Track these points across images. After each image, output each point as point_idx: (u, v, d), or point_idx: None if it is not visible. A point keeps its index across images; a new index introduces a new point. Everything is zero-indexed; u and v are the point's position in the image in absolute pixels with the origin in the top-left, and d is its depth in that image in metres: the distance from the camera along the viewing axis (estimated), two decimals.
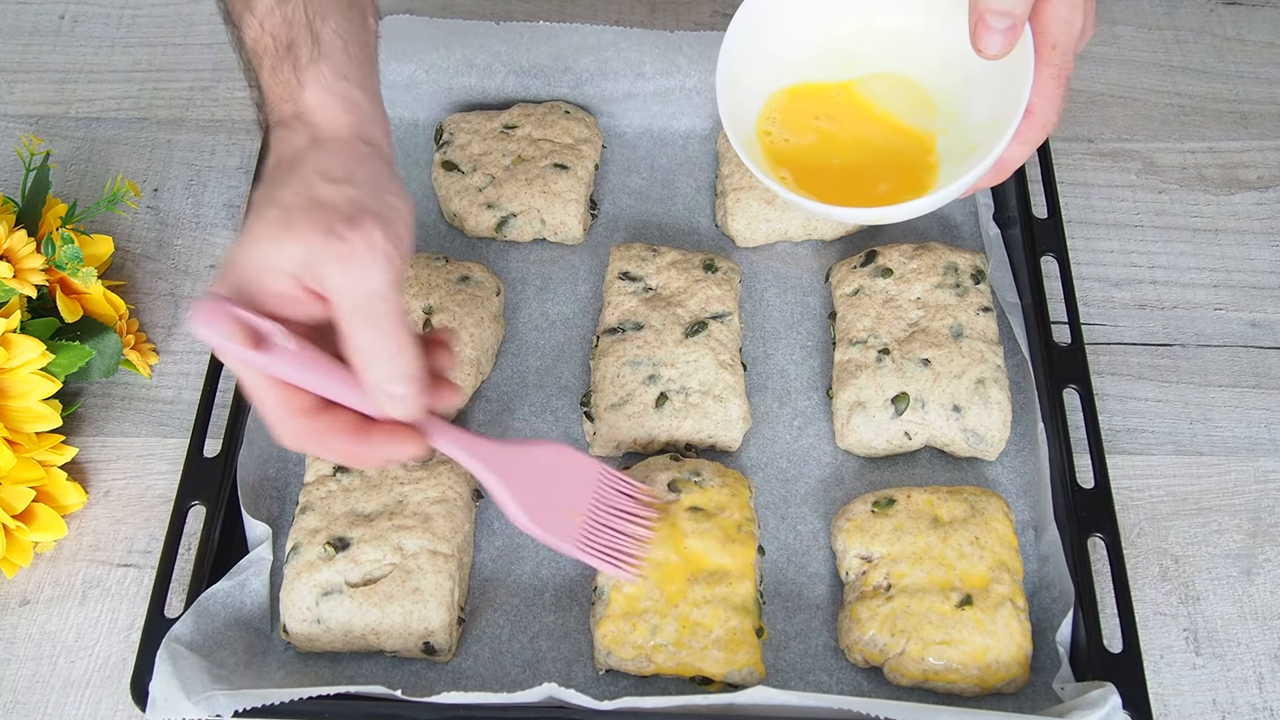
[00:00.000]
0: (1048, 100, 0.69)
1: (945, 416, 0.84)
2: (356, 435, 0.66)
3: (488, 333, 0.89)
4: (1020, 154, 0.72)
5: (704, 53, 1.00)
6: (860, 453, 0.86)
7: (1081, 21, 0.68)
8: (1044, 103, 0.69)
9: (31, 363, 0.81)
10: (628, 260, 0.91)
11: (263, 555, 0.79)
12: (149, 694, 0.72)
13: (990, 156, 0.69)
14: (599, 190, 1.00)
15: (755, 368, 0.91)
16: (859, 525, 0.80)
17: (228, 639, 0.76)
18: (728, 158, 0.97)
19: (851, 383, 0.85)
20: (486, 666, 0.78)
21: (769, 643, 0.79)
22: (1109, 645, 0.76)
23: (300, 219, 0.62)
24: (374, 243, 0.62)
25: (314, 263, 0.62)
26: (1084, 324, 0.93)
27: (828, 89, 0.80)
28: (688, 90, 1.01)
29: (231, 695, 0.71)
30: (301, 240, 0.62)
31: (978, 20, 0.67)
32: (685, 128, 1.03)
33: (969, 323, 0.87)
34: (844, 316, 0.89)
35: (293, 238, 0.62)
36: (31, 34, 1.12)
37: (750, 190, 0.94)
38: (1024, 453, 0.86)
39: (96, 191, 1.01)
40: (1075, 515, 0.80)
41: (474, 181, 0.96)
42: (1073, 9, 0.68)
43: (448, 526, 0.78)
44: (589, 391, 0.87)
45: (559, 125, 0.98)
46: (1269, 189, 1.02)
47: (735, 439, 0.85)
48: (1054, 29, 0.68)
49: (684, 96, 1.01)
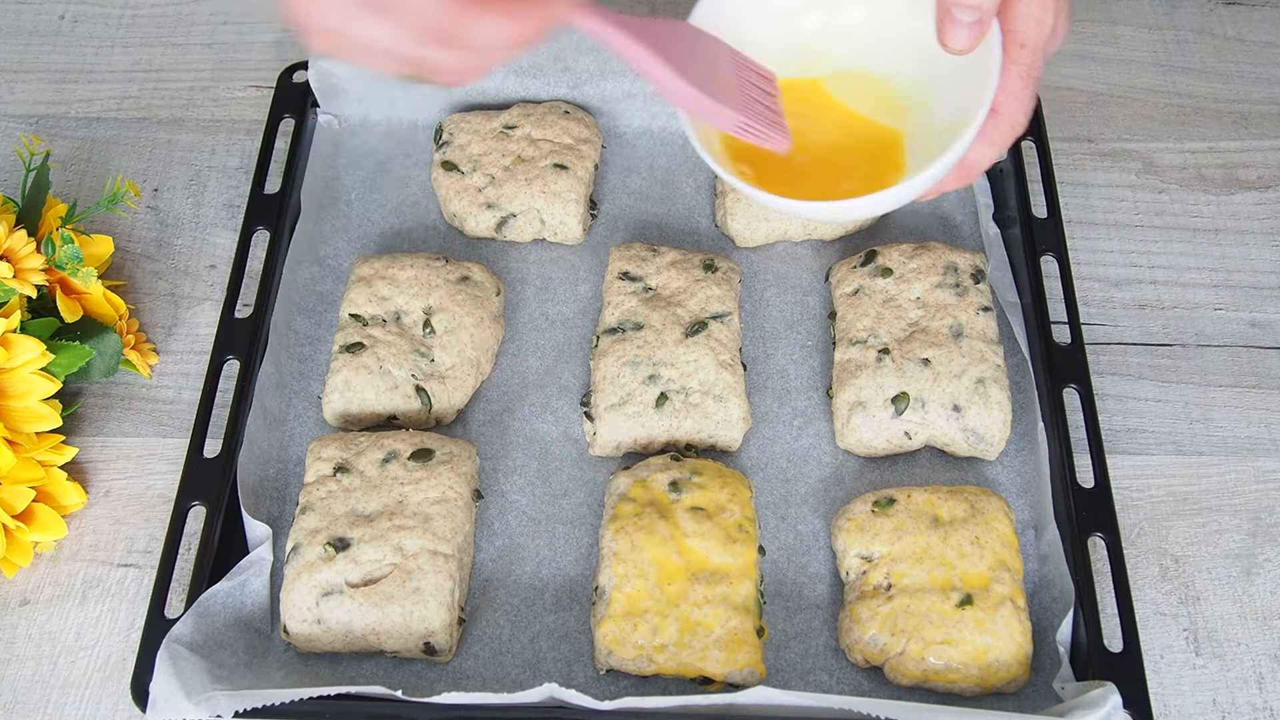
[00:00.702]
0: (1015, 100, 0.67)
1: (945, 416, 0.84)
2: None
3: (488, 333, 0.89)
4: (987, 155, 0.69)
5: None
6: (860, 452, 0.86)
7: (1053, 20, 0.67)
8: (1011, 102, 0.67)
9: (31, 363, 0.81)
10: (628, 260, 0.91)
11: (263, 556, 0.79)
12: (149, 694, 0.71)
13: (951, 154, 0.67)
14: (599, 190, 1.00)
15: (755, 368, 0.91)
16: (859, 525, 0.80)
17: (228, 639, 0.76)
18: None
19: (851, 382, 0.85)
20: (487, 667, 0.78)
21: (769, 643, 0.79)
22: (1109, 645, 0.76)
23: None
24: None
25: None
26: (1084, 324, 0.93)
27: (792, 85, 0.77)
28: None
29: (232, 696, 0.71)
30: None
31: (944, 13, 0.66)
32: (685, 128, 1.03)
33: (969, 322, 0.87)
34: (844, 316, 0.89)
35: None
36: (31, 34, 1.12)
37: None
38: (1024, 452, 0.86)
39: (96, 191, 1.01)
40: (1075, 515, 0.80)
41: (474, 182, 0.96)
42: (1044, 7, 0.66)
43: (448, 527, 0.78)
44: (589, 391, 0.87)
45: (558, 125, 0.98)
46: (1269, 189, 1.02)
47: (735, 439, 0.85)
48: (1024, 27, 0.66)
49: None
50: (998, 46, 0.67)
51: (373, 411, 0.85)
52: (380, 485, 0.79)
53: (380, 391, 0.85)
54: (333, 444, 0.82)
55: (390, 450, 0.81)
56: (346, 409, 0.85)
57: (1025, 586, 0.79)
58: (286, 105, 1.01)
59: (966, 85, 0.70)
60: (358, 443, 0.81)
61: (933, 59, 0.71)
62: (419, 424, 0.86)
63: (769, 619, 0.79)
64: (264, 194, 0.95)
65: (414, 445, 0.81)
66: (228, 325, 0.88)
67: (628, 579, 0.76)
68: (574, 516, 0.84)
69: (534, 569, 0.82)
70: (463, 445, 0.83)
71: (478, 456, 0.84)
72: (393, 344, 0.86)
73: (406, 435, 0.82)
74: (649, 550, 0.77)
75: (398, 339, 0.86)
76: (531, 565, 0.82)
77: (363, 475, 0.80)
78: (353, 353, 0.86)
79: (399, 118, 1.03)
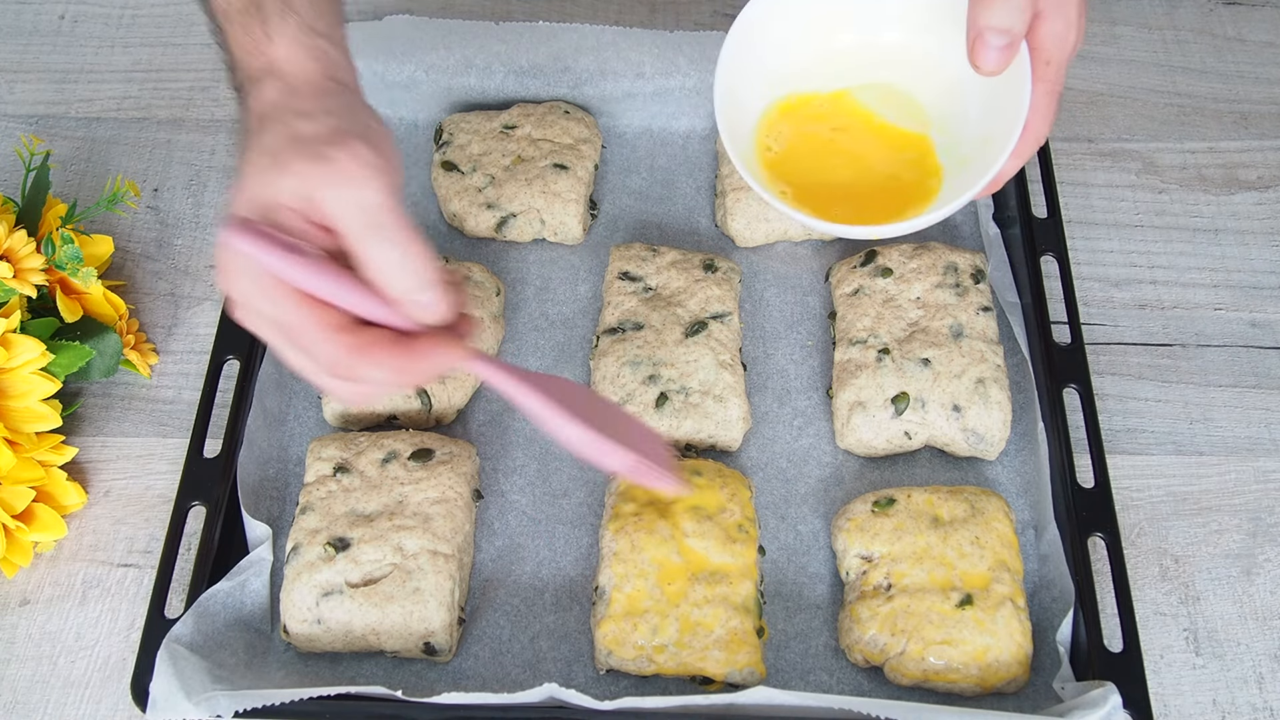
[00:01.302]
0: (1040, 115, 0.71)
1: (945, 416, 0.84)
2: (399, 347, 0.63)
3: (488, 333, 0.89)
4: (1014, 166, 0.73)
5: (704, 53, 1.00)
6: (860, 452, 0.86)
7: (1075, 36, 0.69)
8: (1037, 117, 0.71)
9: (31, 363, 0.81)
10: (628, 260, 0.91)
11: (263, 556, 0.79)
12: (149, 694, 0.72)
13: (990, 173, 0.71)
14: (598, 190, 1.00)
15: (755, 368, 0.91)
16: (859, 525, 0.80)
17: (228, 639, 0.76)
18: (727, 158, 0.97)
19: (851, 382, 0.85)
20: (487, 667, 0.78)
21: (769, 643, 0.79)
22: (1109, 645, 0.76)
23: (287, 154, 0.62)
24: (362, 159, 0.61)
25: (309, 191, 0.61)
26: (1084, 324, 0.93)
27: (824, 99, 0.81)
28: (687, 90, 1.01)
29: (232, 695, 0.71)
30: (291, 172, 0.61)
31: (976, 37, 0.67)
32: (685, 128, 1.03)
33: (969, 322, 0.87)
34: (844, 316, 0.89)
35: (282, 172, 0.61)
36: (31, 34, 1.12)
37: (750, 190, 0.94)
38: (1024, 452, 0.86)
39: (96, 191, 1.01)
40: (1075, 515, 0.80)
41: (474, 182, 0.96)
42: (1067, 24, 0.68)
43: (448, 527, 0.78)
44: None
45: (558, 125, 0.98)
46: (1269, 189, 1.02)
47: (735, 439, 0.85)
48: (1049, 45, 0.69)
49: (683, 97, 1.01)
50: (1027, 65, 0.69)
51: (373, 411, 0.85)
52: (380, 485, 0.79)
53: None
54: (333, 444, 0.82)
55: (390, 450, 0.81)
56: (346, 409, 0.85)
57: (1025, 587, 0.79)
58: None
59: (992, 100, 0.74)
60: (358, 443, 0.82)
61: (960, 76, 0.73)
62: (419, 424, 0.86)
63: (769, 619, 0.79)
64: None
65: (414, 445, 0.81)
66: (228, 325, 0.88)
67: (628, 579, 0.76)
68: (574, 517, 0.84)
69: (534, 569, 0.82)
70: (463, 445, 0.83)
71: (478, 456, 0.84)
72: None
73: (406, 435, 0.82)
74: (649, 550, 0.77)
75: None
76: (531, 565, 0.82)
77: (363, 475, 0.80)
78: None
79: (399, 118, 1.03)
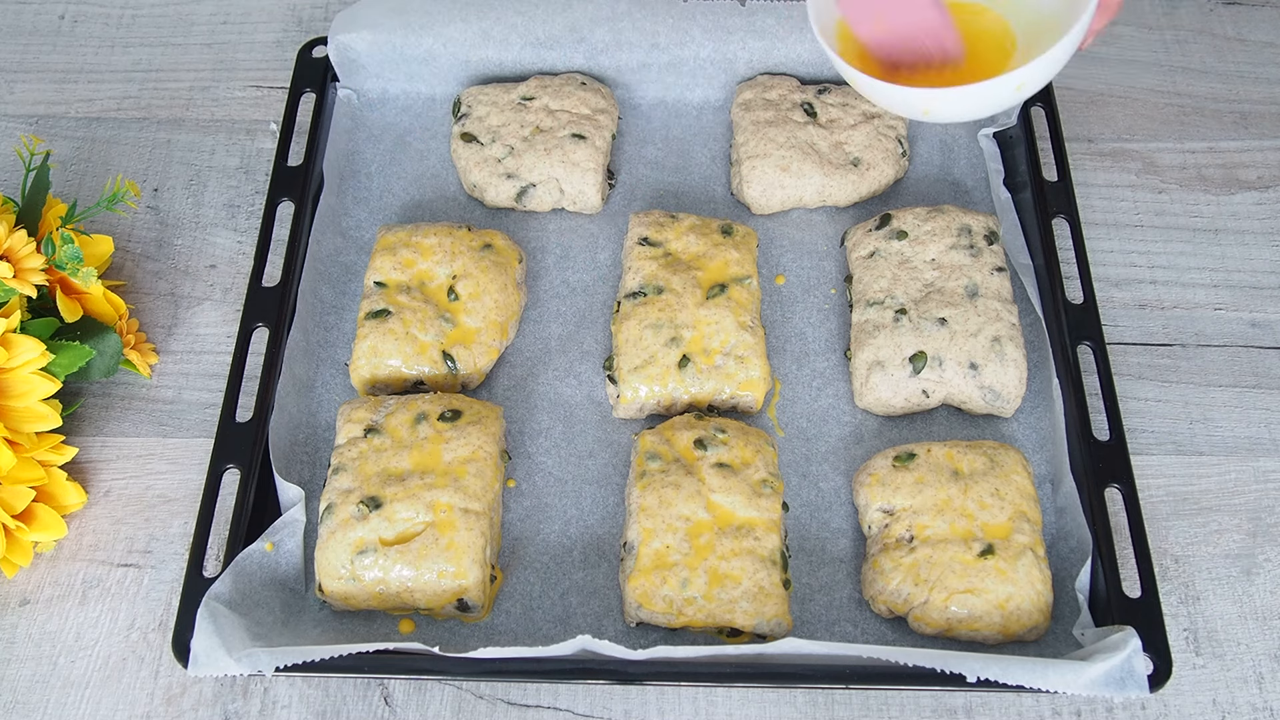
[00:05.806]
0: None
1: (962, 374, 0.85)
2: None
3: (511, 298, 0.90)
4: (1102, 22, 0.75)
5: (717, 23, 1.01)
6: (879, 411, 0.88)
7: None
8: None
9: (31, 363, 0.80)
10: (647, 226, 0.93)
11: (296, 517, 0.80)
12: (190, 650, 0.73)
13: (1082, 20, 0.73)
14: (615, 160, 1.02)
15: (773, 331, 0.92)
16: (880, 480, 0.81)
17: (265, 598, 0.78)
18: (742, 126, 0.98)
19: (869, 343, 0.87)
20: (519, 623, 0.79)
21: (794, 596, 0.80)
22: (1128, 591, 0.77)
23: None
24: None
25: None
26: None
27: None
28: (701, 61, 1.02)
29: (272, 652, 0.72)
30: None
31: None
32: (700, 98, 1.04)
33: (984, 282, 0.88)
34: (860, 279, 0.91)
35: None
36: (31, 34, 1.12)
37: (765, 158, 0.96)
38: (1039, 409, 0.88)
39: (96, 191, 1.01)
40: (1092, 467, 0.82)
41: (493, 153, 0.97)
42: None
43: (479, 484, 0.79)
44: (611, 355, 0.89)
45: (576, 96, 0.99)
46: (1269, 189, 1.02)
47: (757, 399, 0.87)
48: None
49: (698, 67, 1.03)
50: None
51: (400, 376, 0.86)
52: (411, 445, 0.81)
53: (407, 357, 0.86)
54: (363, 407, 0.83)
55: (420, 411, 0.82)
56: (374, 374, 0.86)
57: (1044, 538, 0.80)
58: (306, 80, 1.02)
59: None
60: (387, 405, 0.83)
61: None
62: (445, 388, 0.87)
63: (794, 573, 0.81)
64: (288, 166, 0.96)
65: (443, 406, 0.82)
66: (256, 293, 0.89)
67: (655, 534, 0.78)
68: (599, 476, 0.85)
69: (562, 527, 0.83)
70: (490, 407, 0.84)
71: (504, 418, 0.85)
72: (418, 310, 0.87)
73: (435, 397, 0.83)
74: (676, 506, 0.78)
75: (423, 305, 0.88)
76: (559, 524, 0.83)
77: (393, 436, 0.81)
78: (379, 319, 0.87)
79: (417, 91, 1.04)
